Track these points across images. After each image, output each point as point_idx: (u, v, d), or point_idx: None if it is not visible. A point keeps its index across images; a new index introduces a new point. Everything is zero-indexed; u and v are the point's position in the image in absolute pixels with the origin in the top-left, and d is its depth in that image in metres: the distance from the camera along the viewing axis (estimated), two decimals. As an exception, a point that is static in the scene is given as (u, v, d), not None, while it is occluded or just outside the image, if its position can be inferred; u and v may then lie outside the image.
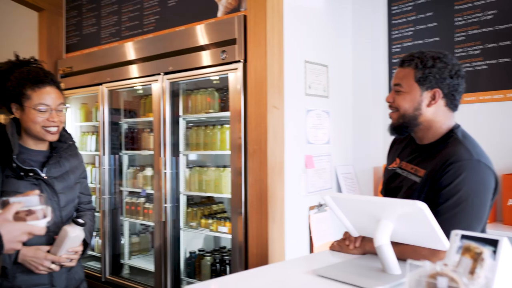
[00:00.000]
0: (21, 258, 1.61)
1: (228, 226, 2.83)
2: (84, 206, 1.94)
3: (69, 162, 1.83)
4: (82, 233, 1.68)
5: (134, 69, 3.23)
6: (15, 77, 1.69)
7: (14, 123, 1.74)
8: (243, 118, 2.57)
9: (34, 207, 1.17)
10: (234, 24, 2.59)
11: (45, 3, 3.95)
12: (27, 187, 1.64)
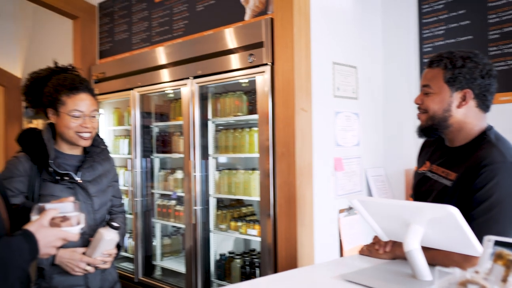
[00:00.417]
0: (58, 259, 1.67)
1: (257, 229, 2.84)
2: (116, 209, 1.99)
3: (102, 166, 1.88)
4: (117, 237, 1.72)
5: (164, 73, 3.29)
6: (52, 83, 1.76)
7: (50, 128, 1.80)
8: (271, 121, 2.57)
9: (69, 214, 1.20)
10: (261, 27, 2.60)
11: (79, 11, 4.07)
12: (62, 191, 1.70)
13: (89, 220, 1.75)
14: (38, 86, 1.81)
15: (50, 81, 1.78)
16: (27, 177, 1.71)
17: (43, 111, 1.80)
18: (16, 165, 1.71)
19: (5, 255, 1.01)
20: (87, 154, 1.85)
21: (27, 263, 1.07)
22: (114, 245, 1.76)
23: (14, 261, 1.02)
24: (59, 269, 1.70)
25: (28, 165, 1.71)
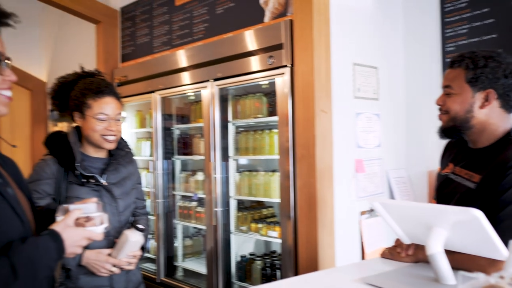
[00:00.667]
0: (84, 261, 1.71)
1: (278, 231, 2.83)
2: (139, 211, 2.02)
3: (126, 169, 1.91)
4: (142, 238, 1.75)
5: (185, 76, 3.32)
6: (79, 87, 1.80)
7: (76, 131, 1.84)
8: (291, 123, 2.57)
9: (92, 214, 1.23)
10: (280, 29, 2.60)
11: (102, 15, 4.15)
12: (88, 193, 1.74)
13: (114, 222, 1.79)
14: (65, 90, 1.86)
15: (76, 85, 1.83)
16: (54, 180, 1.75)
17: (70, 115, 1.85)
18: (43, 168, 1.76)
19: (33, 254, 1.03)
20: (112, 157, 1.89)
21: (54, 262, 1.09)
22: (139, 247, 1.78)
23: (42, 260, 1.05)
24: (85, 270, 1.73)
25: (55, 167, 1.76)
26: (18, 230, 1.08)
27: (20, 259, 1.00)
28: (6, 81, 1.10)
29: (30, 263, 1.02)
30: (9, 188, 1.10)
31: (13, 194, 1.11)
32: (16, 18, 1.12)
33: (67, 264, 1.67)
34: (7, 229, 1.04)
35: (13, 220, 1.07)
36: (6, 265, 0.98)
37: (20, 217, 1.09)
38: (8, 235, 1.04)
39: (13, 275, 0.98)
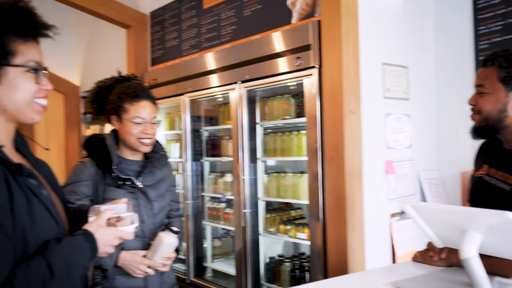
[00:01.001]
0: (120, 261, 1.75)
1: (306, 233, 2.82)
2: (174, 213, 2.04)
3: (161, 172, 1.94)
4: (176, 241, 1.77)
5: (213, 78, 3.35)
6: (116, 92, 1.84)
7: (114, 135, 1.88)
8: (319, 124, 2.55)
9: (123, 214, 1.25)
10: (308, 30, 2.58)
11: (132, 20, 4.23)
12: (124, 195, 1.77)
13: (149, 223, 1.82)
14: (103, 95, 1.91)
15: (114, 89, 1.87)
16: (92, 182, 1.80)
17: (107, 118, 1.90)
18: (82, 170, 1.81)
19: (68, 254, 1.06)
20: (147, 159, 1.92)
21: (88, 262, 1.12)
22: (173, 249, 1.81)
23: (76, 260, 1.08)
24: (121, 271, 1.77)
25: (93, 170, 1.81)
26: (53, 230, 1.11)
27: (56, 259, 1.03)
28: (43, 90, 1.14)
29: (65, 263, 1.05)
30: (44, 190, 1.14)
31: (47, 195, 1.14)
32: (55, 30, 1.15)
33: (104, 264, 1.71)
34: (43, 230, 1.08)
35: (48, 221, 1.10)
36: (43, 264, 1.01)
37: (55, 218, 1.13)
38: (44, 235, 1.07)
39: (50, 274, 1.01)
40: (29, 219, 1.04)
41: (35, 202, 1.07)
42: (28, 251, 1.04)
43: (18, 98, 1.09)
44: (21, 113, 1.11)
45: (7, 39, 1.06)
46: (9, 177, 1.03)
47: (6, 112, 1.10)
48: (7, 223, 0.99)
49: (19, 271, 0.98)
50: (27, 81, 1.10)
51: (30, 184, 1.09)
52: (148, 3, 4.33)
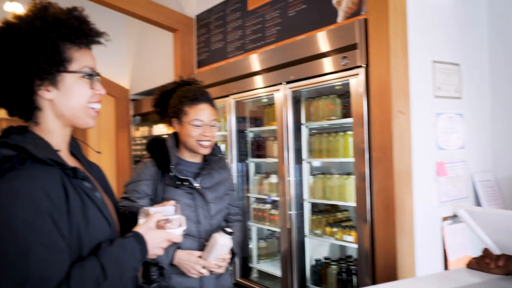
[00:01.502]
0: (176, 260, 1.78)
1: (353, 235, 2.77)
2: (232, 217, 2.06)
3: (219, 174, 1.97)
4: (230, 242, 1.78)
5: (258, 79, 3.35)
6: (177, 95, 1.90)
7: (174, 137, 1.94)
8: (366, 125, 2.50)
9: (171, 217, 1.28)
10: (354, 29, 2.53)
11: (178, 24, 4.33)
12: (182, 195, 1.82)
13: (205, 225, 1.85)
14: (165, 98, 1.97)
15: (175, 93, 1.93)
16: (152, 181, 1.86)
17: (169, 121, 1.96)
18: (143, 170, 1.88)
19: (120, 255, 1.09)
20: (206, 162, 1.95)
21: (139, 263, 1.15)
22: (228, 250, 1.82)
23: (128, 261, 1.11)
24: (177, 270, 1.81)
25: (153, 170, 1.87)
26: (106, 232, 1.15)
27: (109, 260, 1.06)
28: (96, 95, 1.18)
29: (117, 264, 1.08)
30: (97, 192, 1.18)
31: (100, 198, 1.18)
32: (106, 36, 1.20)
33: (160, 262, 1.74)
34: (97, 231, 1.11)
35: (101, 222, 1.14)
36: (97, 265, 1.05)
37: (108, 219, 1.16)
38: (97, 236, 1.11)
39: (103, 275, 1.04)
40: (84, 220, 1.08)
41: (89, 204, 1.11)
42: (82, 252, 1.07)
43: (75, 103, 1.14)
44: (77, 118, 1.16)
45: (63, 46, 1.10)
46: (65, 180, 1.08)
47: (63, 117, 1.15)
48: (63, 225, 1.03)
49: (74, 271, 1.01)
50: (82, 87, 1.15)
51: (85, 186, 1.13)
52: (194, 7, 4.41)
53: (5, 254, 0.95)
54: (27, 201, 0.97)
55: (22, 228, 0.96)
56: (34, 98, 1.11)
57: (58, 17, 1.09)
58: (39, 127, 1.14)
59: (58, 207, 1.02)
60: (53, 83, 1.10)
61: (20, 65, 1.05)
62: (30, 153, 1.03)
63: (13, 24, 1.08)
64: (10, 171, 1.00)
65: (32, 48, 1.05)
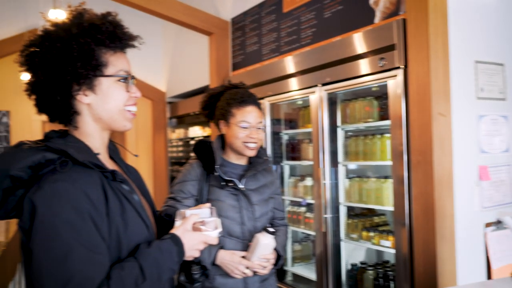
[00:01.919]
0: (219, 260, 1.79)
1: (391, 240, 2.70)
2: (278, 221, 2.05)
3: (264, 177, 1.98)
4: (273, 242, 1.77)
5: (293, 82, 3.34)
6: (225, 98, 1.93)
7: (220, 139, 1.97)
8: (404, 127, 2.44)
9: (207, 219, 1.28)
10: (392, 29, 2.48)
11: (214, 27, 4.37)
12: (227, 196, 1.85)
13: (249, 226, 1.86)
14: (213, 101, 2.01)
15: (222, 96, 1.96)
16: (198, 182, 1.89)
17: (216, 124, 2.00)
18: (189, 171, 1.92)
19: (158, 257, 1.10)
20: (251, 164, 1.97)
21: (176, 265, 1.15)
22: (271, 251, 1.81)
23: (165, 263, 1.12)
24: (221, 271, 1.82)
25: (199, 171, 1.91)
26: (144, 234, 1.17)
27: (147, 262, 1.08)
28: (132, 98, 1.20)
29: (156, 266, 1.09)
30: (135, 195, 1.20)
31: (138, 200, 1.20)
32: (140, 40, 1.22)
33: (203, 261, 1.76)
34: (135, 233, 1.13)
35: (139, 224, 1.16)
36: (136, 266, 1.06)
37: (145, 221, 1.18)
38: (135, 238, 1.13)
39: (142, 277, 1.06)
40: (123, 223, 1.10)
41: (128, 206, 1.13)
42: (121, 253, 1.09)
43: (111, 107, 1.16)
44: (115, 121, 1.18)
45: (99, 51, 1.13)
46: (105, 182, 1.10)
47: (101, 121, 1.17)
48: (103, 227, 1.05)
49: (114, 272, 1.03)
50: (118, 90, 1.17)
51: (123, 189, 1.15)
52: (229, 10, 4.45)
53: (48, 254, 0.98)
54: (68, 203, 1.00)
55: (65, 229, 0.99)
56: (73, 103, 1.13)
57: (93, 23, 1.12)
58: (78, 131, 1.17)
59: (98, 210, 1.04)
60: (90, 87, 1.13)
61: (58, 71, 1.08)
62: (71, 156, 1.06)
63: (51, 31, 1.11)
64: (52, 174, 1.03)
65: (70, 54, 1.08)
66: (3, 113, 5.80)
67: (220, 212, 1.82)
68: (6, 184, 1.04)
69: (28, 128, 5.89)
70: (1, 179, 1.03)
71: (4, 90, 5.67)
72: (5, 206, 1.07)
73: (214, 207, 1.39)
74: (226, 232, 1.84)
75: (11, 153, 1.06)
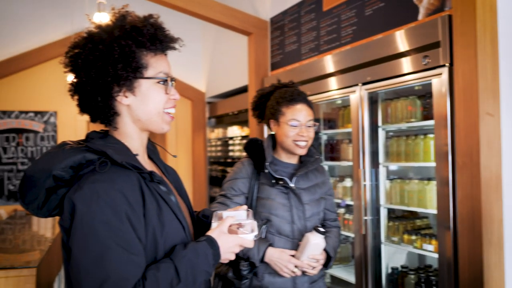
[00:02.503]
0: (268, 257, 1.78)
1: (434, 244, 2.61)
2: (330, 223, 2.03)
3: (315, 177, 1.96)
4: (323, 242, 1.76)
5: (332, 81, 3.29)
6: (274, 97, 1.93)
7: (271, 138, 1.97)
8: (449, 127, 2.35)
9: (243, 221, 1.26)
10: (437, 26, 2.40)
11: (253, 27, 4.38)
12: (277, 195, 1.84)
13: (299, 225, 1.84)
14: (263, 101, 2.02)
15: (272, 95, 1.96)
16: (249, 180, 1.90)
17: (267, 123, 2.00)
18: (240, 168, 1.93)
19: (193, 259, 1.10)
20: (301, 163, 1.96)
21: (211, 268, 1.14)
22: (321, 250, 1.79)
23: (201, 265, 1.11)
24: (270, 270, 1.81)
25: (250, 169, 1.91)
26: (180, 235, 1.16)
27: (182, 264, 1.08)
28: (171, 100, 1.21)
29: (191, 268, 1.08)
30: (172, 195, 1.20)
31: (175, 201, 1.20)
32: (181, 42, 1.22)
33: (251, 257, 1.76)
34: (171, 234, 1.13)
35: (176, 226, 1.16)
36: (171, 267, 1.06)
37: (182, 223, 1.18)
38: (171, 240, 1.13)
39: (177, 278, 1.06)
40: (159, 224, 1.10)
41: (165, 207, 1.14)
42: (157, 255, 1.10)
43: (150, 109, 1.17)
44: (153, 123, 1.19)
45: (140, 53, 1.14)
46: (142, 183, 1.11)
47: (140, 122, 1.18)
48: (140, 228, 1.06)
49: (149, 273, 1.04)
50: (158, 92, 1.17)
51: (160, 190, 1.15)
52: (268, 10, 4.44)
53: (86, 253, 0.99)
54: (106, 203, 1.01)
55: (102, 229, 1.00)
56: (113, 104, 1.15)
57: (135, 25, 1.13)
58: (118, 132, 1.19)
59: (135, 210, 1.05)
60: (130, 89, 1.14)
61: (100, 72, 1.10)
62: (110, 157, 1.07)
63: (94, 33, 1.14)
64: (92, 174, 1.06)
65: (111, 56, 1.10)
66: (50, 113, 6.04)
67: (270, 211, 1.82)
68: (49, 184, 1.07)
69: (73, 127, 6.11)
70: (44, 178, 1.06)
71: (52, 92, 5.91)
72: (48, 205, 1.11)
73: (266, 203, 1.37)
74: (275, 230, 1.83)
75: (54, 154, 1.09)
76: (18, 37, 5.61)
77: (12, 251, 2.79)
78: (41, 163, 1.08)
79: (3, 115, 5.85)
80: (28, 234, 3.51)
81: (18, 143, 5.93)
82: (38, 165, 1.08)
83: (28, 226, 3.91)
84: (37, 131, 5.98)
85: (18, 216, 4.58)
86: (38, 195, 1.08)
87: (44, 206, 1.11)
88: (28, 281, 2.24)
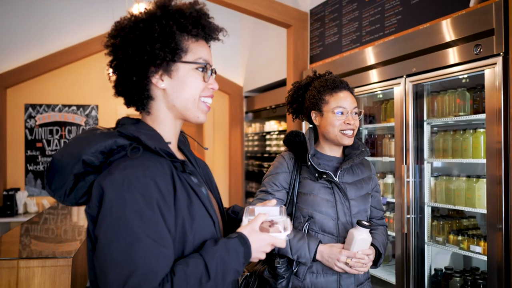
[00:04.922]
0: (319, 255, 1.69)
1: (482, 246, 2.46)
2: (376, 221, 1.92)
3: (361, 171, 1.86)
4: (369, 236, 1.65)
5: (374, 73, 3.16)
6: (314, 87, 1.84)
7: (313, 131, 1.88)
8: (503, 121, 2.19)
9: (276, 219, 1.19)
10: (491, 13, 2.24)
11: (292, 19, 4.29)
12: (320, 189, 1.75)
13: (344, 222, 1.74)
14: (301, 93, 1.93)
15: (311, 86, 1.88)
16: (289, 174, 1.81)
17: (306, 117, 1.91)
18: (281, 163, 1.84)
19: (224, 256, 1.04)
20: (346, 157, 1.86)
21: (242, 267, 1.08)
22: (368, 245, 1.68)
23: (231, 264, 1.05)
24: (311, 270, 1.72)
25: (291, 162, 1.82)
26: (210, 230, 1.11)
27: (212, 260, 1.02)
28: (209, 89, 1.15)
29: (221, 266, 1.02)
30: (203, 188, 1.14)
31: (206, 194, 1.14)
32: (224, 32, 1.17)
33: (301, 257, 1.67)
34: (201, 228, 1.08)
35: (206, 219, 1.10)
36: (201, 264, 1.00)
37: (212, 217, 1.12)
38: (201, 234, 1.07)
39: (206, 275, 1.00)
40: (189, 216, 1.05)
41: (195, 200, 1.08)
42: (185, 249, 1.04)
43: (187, 95, 1.12)
44: (188, 110, 1.14)
45: (181, 36, 1.10)
46: (174, 173, 1.06)
47: (174, 108, 1.13)
48: (170, 219, 1.01)
49: (178, 268, 0.98)
50: (195, 78, 1.12)
51: (192, 181, 1.10)
52: (308, 1, 4.34)
53: (114, 242, 0.94)
54: (138, 191, 0.97)
55: (132, 218, 0.95)
56: (148, 86, 1.11)
57: (179, 8, 1.09)
58: (151, 118, 1.15)
59: (166, 200, 1.00)
60: (167, 72, 1.10)
61: (137, 50, 1.06)
62: (143, 142, 1.03)
63: (136, 15, 1.11)
64: (123, 160, 1.01)
65: (150, 34, 1.06)
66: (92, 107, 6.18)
67: (313, 207, 1.73)
68: (77, 169, 1.03)
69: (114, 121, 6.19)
70: (73, 163, 1.02)
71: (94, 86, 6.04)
72: (75, 192, 1.06)
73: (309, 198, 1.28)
74: (319, 227, 1.74)
75: (84, 138, 1.05)
76: (62, 33, 5.76)
77: (51, 240, 2.84)
78: (71, 148, 1.03)
79: (47, 109, 6.03)
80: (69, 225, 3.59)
81: (61, 135, 6.09)
82: (67, 149, 1.03)
83: (69, 216, 4.00)
84: (79, 124, 6.13)
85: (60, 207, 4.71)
86: (65, 181, 1.04)
87: (71, 193, 1.06)
88: (64, 271, 2.25)
